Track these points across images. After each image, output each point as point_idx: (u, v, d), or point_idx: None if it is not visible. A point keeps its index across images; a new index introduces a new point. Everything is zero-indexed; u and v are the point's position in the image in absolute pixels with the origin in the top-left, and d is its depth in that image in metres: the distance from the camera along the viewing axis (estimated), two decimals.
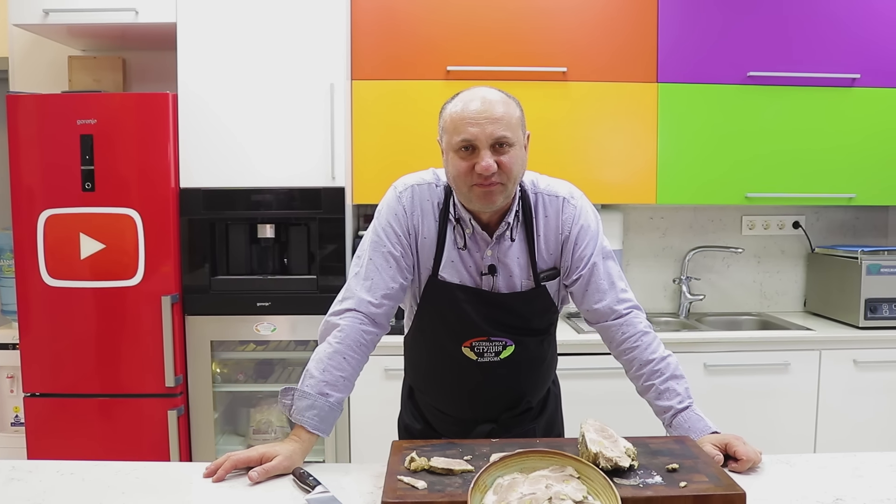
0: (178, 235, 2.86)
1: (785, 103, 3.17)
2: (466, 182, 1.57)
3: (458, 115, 1.56)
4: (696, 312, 3.55)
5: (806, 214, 3.61)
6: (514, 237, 1.67)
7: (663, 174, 3.16)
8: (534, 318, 1.73)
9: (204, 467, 1.52)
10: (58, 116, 2.76)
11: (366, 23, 3.05)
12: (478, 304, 1.67)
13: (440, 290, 1.67)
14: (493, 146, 1.54)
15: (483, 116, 1.54)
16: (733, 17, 3.13)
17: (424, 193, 1.69)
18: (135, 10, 2.81)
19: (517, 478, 1.24)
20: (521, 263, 1.68)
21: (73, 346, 2.84)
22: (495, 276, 1.67)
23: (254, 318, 2.92)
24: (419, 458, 1.37)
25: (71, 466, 1.57)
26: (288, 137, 2.87)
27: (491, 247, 1.66)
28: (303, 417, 1.58)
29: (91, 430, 2.87)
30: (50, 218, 2.80)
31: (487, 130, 1.53)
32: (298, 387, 1.61)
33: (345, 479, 1.48)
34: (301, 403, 1.59)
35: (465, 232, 1.67)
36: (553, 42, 3.10)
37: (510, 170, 1.56)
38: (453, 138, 1.56)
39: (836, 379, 3.03)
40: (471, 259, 1.68)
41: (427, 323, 1.74)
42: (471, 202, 1.61)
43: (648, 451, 1.45)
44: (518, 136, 1.59)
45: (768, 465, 1.57)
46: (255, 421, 3.06)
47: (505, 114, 1.56)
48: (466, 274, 1.68)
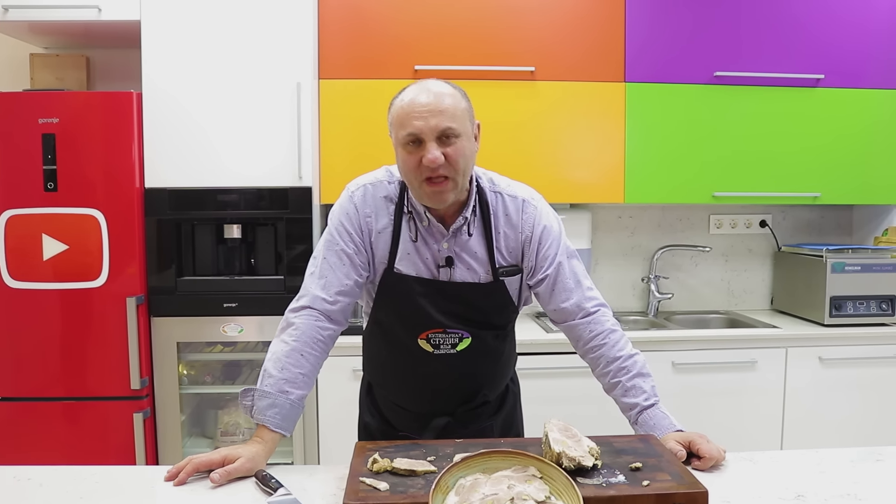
0: (144, 236, 2.82)
1: (751, 103, 3.20)
2: (417, 177, 1.58)
3: (404, 110, 1.57)
4: (664, 311, 3.58)
5: (772, 213, 3.65)
6: (471, 232, 1.68)
7: (631, 173, 3.18)
8: (491, 313, 1.73)
9: (166, 470, 1.50)
10: (19, 115, 2.71)
11: (334, 22, 3.03)
12: (434, 296, 1.67)
13: (396, 282, 1.67)
14: (439, 138, 1.55)
15: (427, 109, 1.55)
16: (700, 17, 3.15)
17: (377, 191, 1.70)
18: (98, 8, 2.76)
19: (479, 478, 1.24)
20: (480, 258, 1.69)
21: (35, 349, 2.79)
22: (453, 268, 1.68)
23: (221, 319, 2.88)
24: (382, 460, 1.36)
25: (28, 472, 1.54)
26: (254, 137, 2.84)
27: (447, 239, 1.67)
28: (264, 417, 1.57)
29: (55, 434, 2.82)
30: (11, 218, 2.75)
31: (432, 123, 1.54)
32: (258, 387, 1.60)
33: (308, 481, 1.47)
34: (262, 403, 1.58)
35: (418, 225, 1.67)
36: (521, 41, 3.10)
37: (456, 161, 1.57)
38: (400, 133, 1.58)
39: (802, 376, 3.06)
40: (427, 251, 1.68)
41: (384, 316, 1.73)
42: (421, 198, 1.63)
43: (612, 451, 1.46)
44: (465, 127, 1.59)
45: (731, 462, 1.58)
46: (222, 423, 3.03)
47: (450, 105, 1.57)
48: (423, 266, 1.68)
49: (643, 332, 3.16)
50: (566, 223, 3.33)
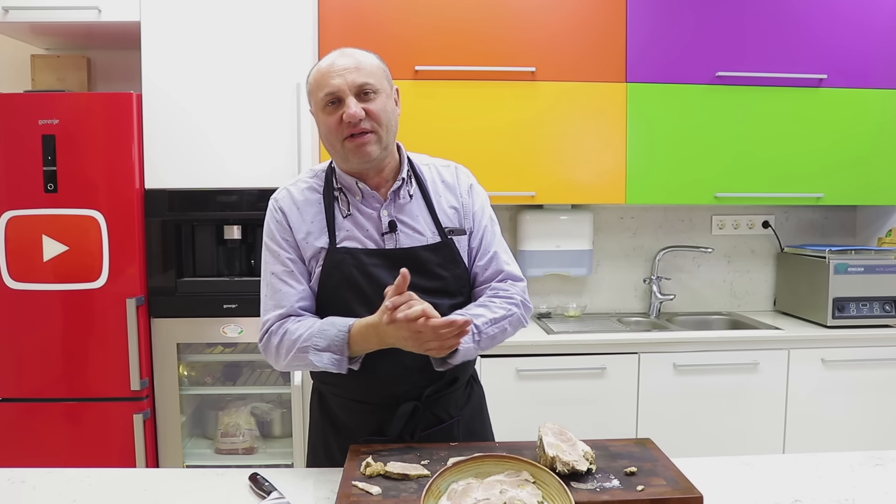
0: (144, 237, 2.82)
1: (753, 103, 3.18)
2: (339, 136, 1.57)
3: (321, 72, 1.58)
4: (666, 312, 3.56)
5: (775, 214, 3.63)
6: (411, 194, 1.67)
7: (633, 174, 3.16)
8: (446, 278, 1.65)
9: (159, 473, 1.50)
10: (19, 116, 2.71)
11: (334, 22, 3.02)
12: (384, 266, 1.61)
13: (343, 257, 1.60)
14: (358, 95, 1.55)
15: (343, 68, 1.56)
16: (702, 17, 3.14)
17: (300, 186, 1.69)
18: (97, 9, 2.76)
19: (472, 483, 1.23)
20: (423, 220, 1.67)
21: (36, 350, 2.79)
22: (397, 234, 1.64)
23: (220, 321, 2.88)
24: (375, 464, 1.36)
25: (23, 474, 1.55)
26: (254, 138, 2.84)
27: (385, 206, 1.64)
28: (342, 325, 1.53)
29: (56, 435, 2.82)
30: (12, 220, 2.75)
31: (349, 79, 1.55)
32: (313, 345, 1.54)
33: (303, 485, 1.47)
34: (325, 337, 1.53)
35: (351, 199, 1.65)
36: (522, 42, 3.09)
37: (378, 116, 1.57)
38: (318, 95, 1.58)
39: (804, 378, 3.05)
40: (367, 222, 1.63)
41: (335, 300, 1.62)
42: (347, 159, 1.60)
43: (608, 454, 1.45)
44: (383, 85, 1.60)
45: (728, 466, 1.57)
46: (222, 424, 3.03)
47: (365, 63, 1.58)
48: (366, 239, 1.62)
49: (645, 333, 3.14)
50: (567, 224, 3.38)
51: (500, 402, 2.47)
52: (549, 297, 3.55)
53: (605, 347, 2.97)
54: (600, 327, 3.29)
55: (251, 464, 2.96)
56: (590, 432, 2.91)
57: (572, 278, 3.53)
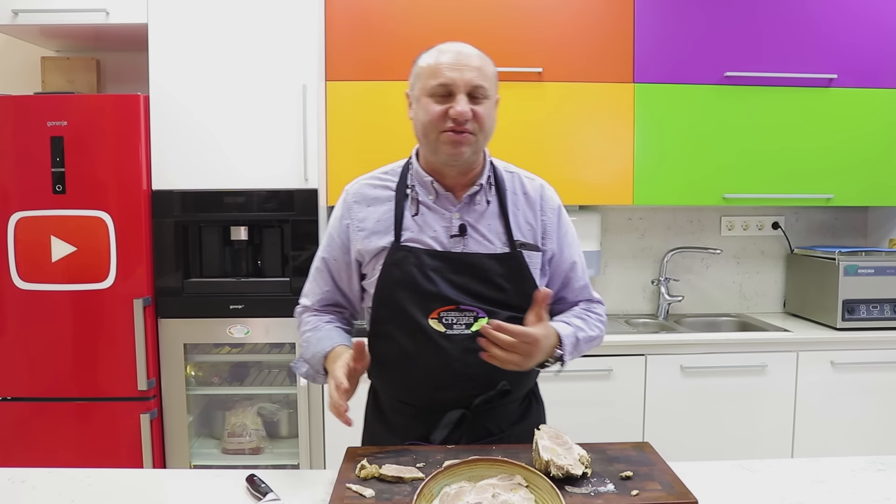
0: (151, 238, 2.83)
1: (762, 104, 3.16)
2: (437, 128, 1.55)
3: (436, 61, 1.56)
4: (674, 314, 3.54)
5: (785, 215, 3.60)
6: (488, 200, 1.65)
7: (640, 175, 3.14)
8: (509, 291, 1.61)
9: (160, 474, 1.51)
10: (28, 118, 2.73)
11: (340, 24, 3.02)
12: (445, 270, 1.58)
13: (404, 256, 1.60)
14: (469, 94, 1.54)
15: (462, 63, 1.55)
16: (710, 17, 3.11)
17: (373, 182, 1.70)
18: (105, 11, 2.78)
19: (464, 486, 1.23)
20: (495, 229, 1.63)
21: (45, 349, 2.82)
22: (466, 239, 1.61)
23: (227, 321, 2.89)
24: (370, 466, 1.36)
25: (23, 474, 1.56)
26: (261, 139, 2.84)
27: (459, 209, 1.62)
28: (323, 348, 1.62)
29: (64, 434, 2.84)
30: (21, 220, 2.77)
31: (466, 77, 1.53)
32: (302, 355, 1.69)
33: (299, 486, 1.47)
34: (308, 352, 1.66)
35: (423, 200, 1.64)
36: (528, 42, 3.08)
37: (483, 121, 1.55)
38: (429, 82, 1.55)
39: (813, 380, 3.02)
40: (437, 223, 1.62)
41: (391, 299, 1.61)
42: (437, 152, 1.58)
43: (605, 458, 1.44)
44: (493, 91, 1.59)
45: (728, 470, 1.56)
46: (229, 424, 3.04)
47: (483, 66, 1.58)
48: (432, 240, 1.61)
49: (652, 335, 3.13)
50: (575, 225, 3.30)
51: None
52: None
53: (612, 349, 2.96)
54: (608, 328, 3.25)
55: (258, 464, 2.98)
56: (596, 434, 2.90)
57: None
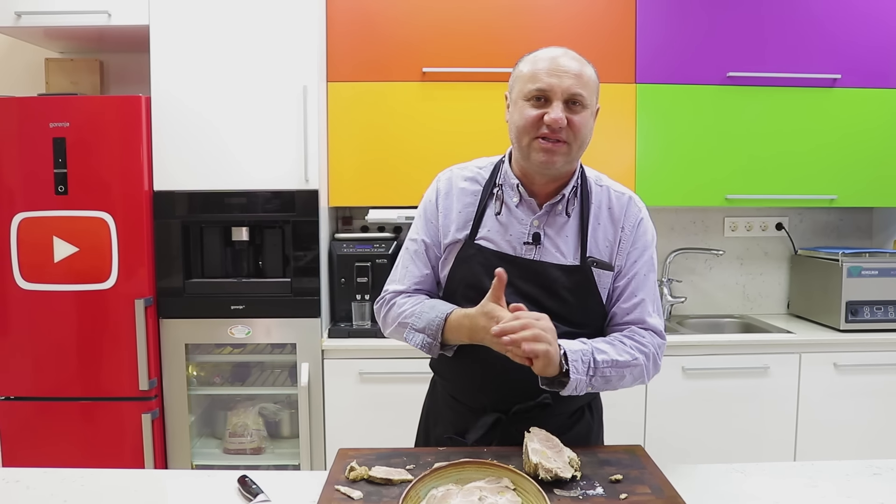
0: (152, 238, 2.84)
1: (765, 104, 3.14)
2: (531, 133, 1.53)
3: (538, 65, 1.54)
4: (677, 315, 3.53)
5: (789, 216, 3.58)
6: (569, 212, 1.62)
7: (642, 176, 3.13)
8: (573, 304, 1.58)
9: (154, 475, 1.51)
10: (31, 119, 2.75)
11: (341, 25, 3.03)
12: (511, 275, 1.52)
13: (475, 254, 1.60)
14: (567, 102, 1.51)
15: (562, 70, 1.52)
16: (713, 17, 3.10)
17: (464, 174, 1.69)
18: (107, 13, 2.79)
19: (451, 489, 1.23)
20: (570, 242, 1.60)
21: (47, 349, 2.83)
22: (539, 247, 1.59)
23: (228, 321, 2.90)
24: (359, 468, 1.36)
25: (18, 474, 1.57)
26: (261, 140, 2.85)
27: (538, 216, 1.60)
28: (440, 312, 1.56)
29: (66, 434, 2.85)
30: (23, 221, 2.79)
31: (565, 84, 1.50)
32: (412, 323, 1.60)
33: (291, 487, 1.47)
34: (423, 319, 1.58)
35: (507, 201, 1.62)
36: (529, 43, 3.00)
37: (579, 130, 1.52)
38: (527, 86, 1.53)
39: (816, 382, 3.00)
40: (514, 228, 1.61)
41: (455, 293, 1.63)
42: (529, 158, 1.56)
43: (596, 461, 1.44)
44: (592, 100, 1.56)
45: (721, 474, 1.55)
46: (231, 424, 3.05)
47: (583, 73, 1.53)
48: (506, 243, 1.60)
49: None
50: None
51: None
52: None
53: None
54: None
55: (259, 464, 2.99)
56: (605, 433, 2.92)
57: None
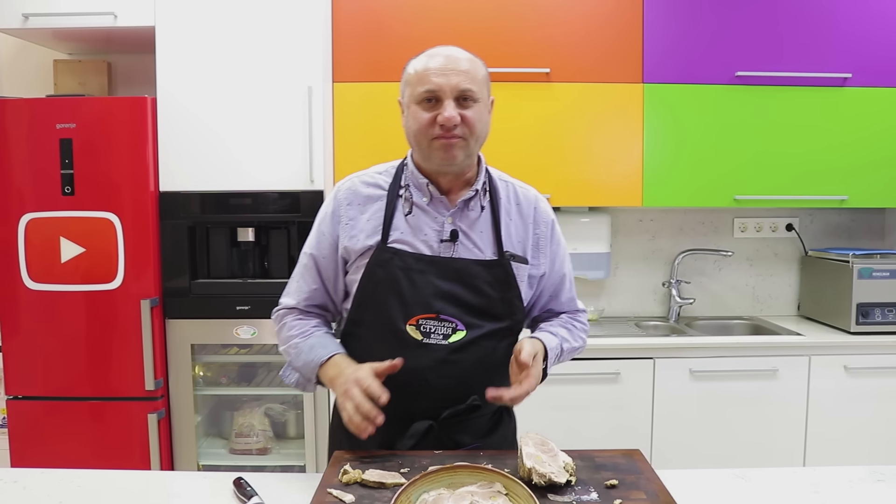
0: (159, 239, 2.85)
1: (775, 104, 3.11)
2: (427, 135, 1.54)
3: (423, 68, 1.55)
4: (686, 316, 3.50)
5: (800, 217, 3.54)
6: (482, 206, 1.63)
7: (649, 176, 3.11)
8: (494, 298, 1.59)
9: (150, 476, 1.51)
10: (38, 121, 2.76)
11: (348, 25, 3.02)
12: (431, 275, 1.56)
13: (390, 258, 1.57)
14: (458, 99, 1.52)
15: (449, 68, 1.53)
16: (721, 16, 3.07)
17: (366, 180, 1.67)
18: (113, 14, 2.80)
19: (443, 493, 1.22)
20: (486, 238, 1.61)
21: (54, 349, 2.84)
22: (456, 244, 1.59)
23: (234, 322, 2.90)
24: (352, 471, 1.35)
25: (15, 474, 1.57)
26: (267, 141, 2.85)
27: (452, 213, 1.60)
28: (316, 357, 1.59)
29: (72, 433, 2.86)
30: (31, 222, 2.80)
31: (452, 81, 1.52)
32: (291, 362, 1.67)
33: (286, 490, 1.47)
34: (299, 361, 1.62)
35: (417, 201, 1.61)
36: (536, 42, 3.06)
37: (473, 125, 1.53)
38: (416, 89, 1.54)
39: (826, 385, 2.97)
40: (428, 227, 1.60)
41: (370, 299, 1.59)
42: (429, 159, 1.57)
43: (592, 466, 1.42)
44: (483, 94, 1.57)
45: (723, 479, 1.53)
46: (237, 424, 3.05)
47: (471, 69, 1.55)
48: (422, 243, 1.59)
49: (662, 338, 3.10)
50: (586, 227, 3.34)
51: None
52: None
53: (619, 352, 2.93)
54: (617, 331, 3.24)
55: (265, 464, 3.00)
56: (603, 439, 2.91)
57: (590, 281, 3.48)
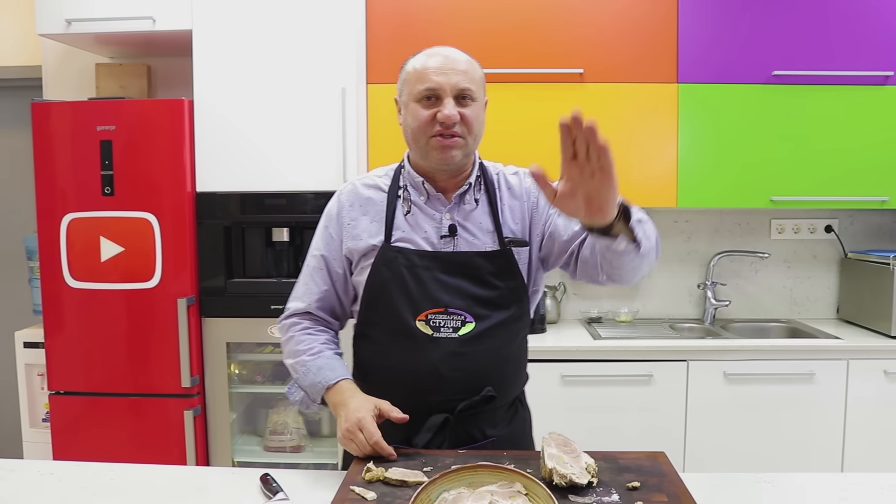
0: (195, 238, 2.90)
1: (812, 103, 3.05)
2: (426, 133, 1.57)
3: (423, 66, 1.59)
4: (721, 319, 3.45)
5: (839, 218, 3.47)
6: (477, 199, 1.66)
7: (684, 177, 3.08)
8: (500, 287, 1.62)
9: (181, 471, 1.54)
10: (79, 123, 2.84)
11: (381, 27, 3.05)
12: (435, 270, 1.60)
13: (394, 256, 1.61)
14: (457, 97, 1.56)
15: (448, 67, 1.57)
16: (757, 15, 3.03)
17: (367, 182, 1.71)
18: (152, 19, 2.86)
19: (463, 492, 1.23)
20: (485, 228, 1.64)
21: (94, 346, 2.91)
22: (456, 239, 1.62)
23: (268, 321, 2.94)
24: (375, 469, 1.37)
25: (52, 467, 1.62)
26: (301, 142, 2.89)
27: (449, 209, 1.64)
28: (322, 381, 1.61)
29: (111, 428, 2.93)
30: (72, 221, 2.88)
31: (452, 80, 1.55)
32: (297, 380, 1.69)
33: (312, 487, 1.49)
34: (306, 380, 1.64)
35: (415, 200, 1.65)
36: (569, 43, 3.05)
37: (471, 123, 1.57)
38: (416, 87, 1.58)
39: (864, 390, 2.90)
40: (427, 224, 1.64)
41: (378, 298, 1.63)
42: (428, 157, 1.60)
43: (616, 467, 1.42)
44: (480, 94, 1.61)
45: (748, 483, 1.51)
46: (271, 422, 3.09)
47: (469, 69, 1.59)
48: (422, 240, 1.62)
49: (696, 340, 3.07)
50: None
51: (543, 408, 2.43)
52: (600, 301, 3.49)
53: (652, 354, 2.91)
54: (650, 333, 3.22)
55: (298, 462, 3.04)
56: (636, 440, 2.89)
57: None
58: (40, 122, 2.86)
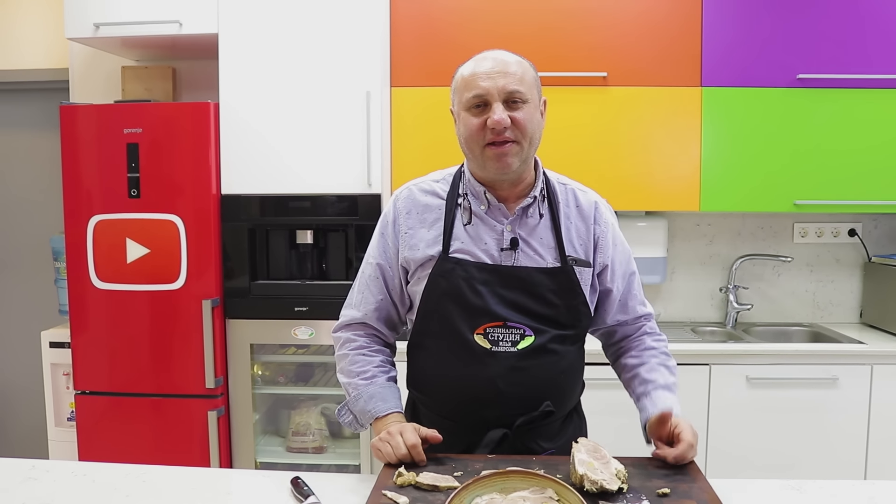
0: (220, 240, 2.93)
1: (838, 106, 3.03)
2: (479, 142, 1.54)
3: (471, 73, 1.55)
4: (743, 322, 3.44)
5: (863, 222, 3.45)
6: (541, 213, 1.62)
7: (707, 181, 3.07)
8: (559, 307, 1.59)
9: (211, 473, 1.56)
10: (106, 126, 2.87)
11: (405, 31, 3.06)
12: (494, 284, 1.56)
13: (452, 268, 1.57)
14: (506, 101, 1.52)
15: (496, 71, 1.53)
16: (781, 18, 3.01)
17: (423, 188, 1.68)
18: (179, 22, 2.89)
19: (495, 498, 1.24)
20: (547, 243, 1.60)
21: (119, 346, 2.95)
22: (517, 252, 1.58)
23: (292, 323, 2.96)
24: (407, 473, 1.38)
25: (85, 467, 1.64)
26: (325, 145, 2.91)
27: (511, 221, 1.60)
28: (372, 410, 1.60)
29: (135, 428, 2.96)
30: (99, 223, 2.91)
31: (499, 84, 1.51)
32: (347, 403, 1.68)
33: (342, 490, 1.50)
34: (357, 406, 1.63)
35: (475, 209, 1.61)
36: (592, 47, 3.05)
37: (524, 126, 1.52)
38: (465, 95, 1.54)
39: (889, 395, 2.88)
40: (488, 235, 1.60)
41: (435, 310, 1.60)
42: (484, 167, 1.57)
43: (645, 474, 1.42)
44: (532, 95, 1.56)
45: (776, 490, 1.51)
46: (294, 423, 3.12)
47: (518, 70, 1.54)
48: (482, 252, 1.59)
49: (719, 344, 3.06)
50: (642, 231, 3.32)
51: None
52: None
53: (675, 358, 2.87)
54: (671, 336, 3.17)
55: (321, 463, 3.05)
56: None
57: (646, 286, 3.40)
58: (68, 125, 2.89)
